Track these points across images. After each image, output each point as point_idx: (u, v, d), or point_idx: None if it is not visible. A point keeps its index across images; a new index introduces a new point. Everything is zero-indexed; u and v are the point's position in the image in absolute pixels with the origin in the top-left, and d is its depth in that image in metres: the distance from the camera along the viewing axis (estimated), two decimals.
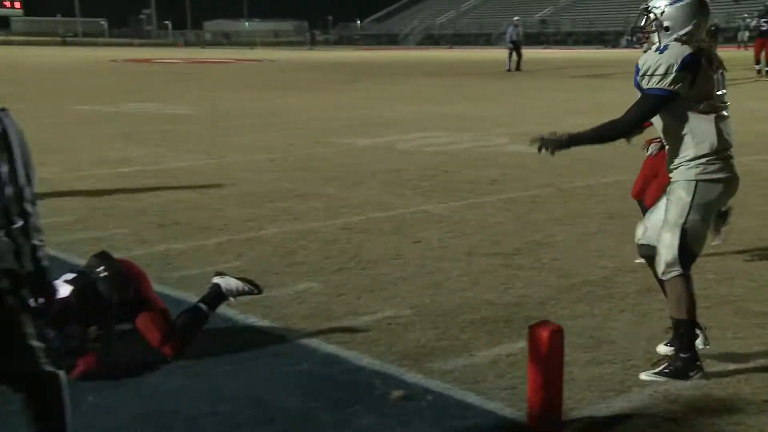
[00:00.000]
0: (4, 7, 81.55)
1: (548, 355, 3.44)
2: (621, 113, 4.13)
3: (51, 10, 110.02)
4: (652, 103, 3.93)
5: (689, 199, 3.95)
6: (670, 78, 3.82)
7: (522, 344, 4.53)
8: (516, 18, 34.50)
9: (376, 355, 4.50)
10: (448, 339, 4.69)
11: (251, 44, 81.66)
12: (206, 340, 4.67)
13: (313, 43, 71.89)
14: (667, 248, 3.99)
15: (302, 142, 13.06)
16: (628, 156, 7.77)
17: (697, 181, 3.96)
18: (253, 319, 5.03)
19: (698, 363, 4.06)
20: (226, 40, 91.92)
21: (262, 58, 49.24)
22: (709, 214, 4.05)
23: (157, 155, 11.58)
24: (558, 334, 3.48)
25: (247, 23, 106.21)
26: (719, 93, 3.97)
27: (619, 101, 5.49)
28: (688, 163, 3.98)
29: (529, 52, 36.36)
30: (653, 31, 4.01)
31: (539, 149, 4.09)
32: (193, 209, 8.06)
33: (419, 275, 5.94)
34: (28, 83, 26.52)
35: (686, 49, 3.85)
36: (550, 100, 20.07)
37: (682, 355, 4.06)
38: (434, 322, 4.99)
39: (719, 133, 3.93)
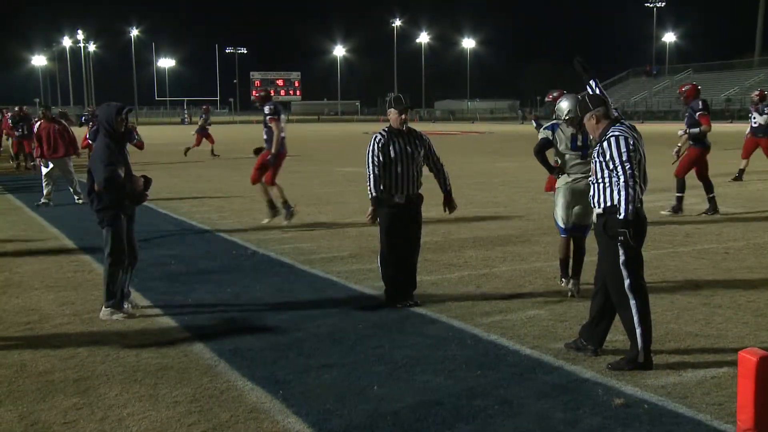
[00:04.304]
0: (289, 94, 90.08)
1: (757, 377, 3.34)
2: None
3: (319, 95, 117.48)
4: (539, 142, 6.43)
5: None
6: (542, 133, 6.46)
7: (725, 368, 4.41)
8: None
9: (597, 369, 4.52)
10: (657, 361, 4.62)
11: (472, 119, 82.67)
12: (461, 350, 4.89)
13: (524, 118, 71.47)
14: None
15: (522, 197, 13.15)
16: None
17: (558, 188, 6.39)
18: (495, 337, 5.19)
19: (564, 278, 6.37)
20: (451, 116, 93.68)
21: (483, 131, 49.74)
22: (560, 205, 6.34)
23: None
24: (766, 360, 3.38)
25: (469, 103, 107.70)
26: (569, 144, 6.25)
27: None
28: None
29: (717, 126, 33.81)
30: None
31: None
32: (438, 250, 8.35)
33: None
34: (310, 150, 28.30)
35: (554, 122, 6.40)
36: (735, 165, 18.80)
37: (562, 276, 6.40)
38: None
39: (564, 163, 6.33)
